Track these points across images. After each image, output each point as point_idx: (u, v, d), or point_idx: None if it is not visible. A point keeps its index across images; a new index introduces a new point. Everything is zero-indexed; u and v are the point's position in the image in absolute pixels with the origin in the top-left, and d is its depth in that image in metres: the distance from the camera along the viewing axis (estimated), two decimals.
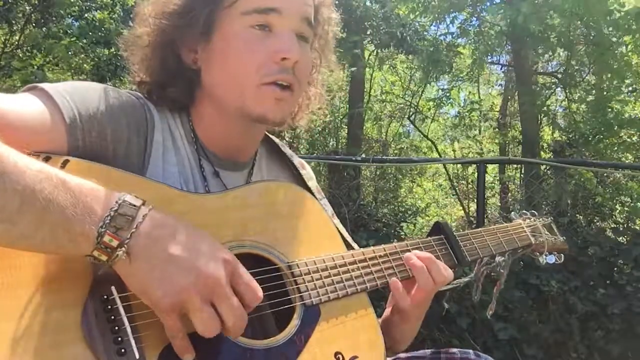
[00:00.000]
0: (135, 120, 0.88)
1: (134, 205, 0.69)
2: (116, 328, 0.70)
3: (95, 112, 0.82)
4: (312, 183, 1.11)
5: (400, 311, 1.04)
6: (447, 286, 1.05)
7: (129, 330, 0.70)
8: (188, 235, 0.73)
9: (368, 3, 7.28)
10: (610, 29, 5.74)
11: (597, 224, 4.59)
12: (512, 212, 1.44)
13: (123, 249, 0.67)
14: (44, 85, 0.81)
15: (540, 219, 1.45)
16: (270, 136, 1.14)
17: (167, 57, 0.92)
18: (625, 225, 4.46)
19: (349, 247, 1.05)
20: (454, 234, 1.15)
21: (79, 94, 0.82)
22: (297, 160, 1.13)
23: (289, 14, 0.89)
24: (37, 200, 0.64)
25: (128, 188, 0.72)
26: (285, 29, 0.89)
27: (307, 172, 1.13)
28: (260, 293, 0.76)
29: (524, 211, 1.46)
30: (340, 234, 1.05)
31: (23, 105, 0.77)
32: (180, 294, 0.69)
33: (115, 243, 0.67)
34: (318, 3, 0.97)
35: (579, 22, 5.99)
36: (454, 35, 6.90)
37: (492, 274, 1.30)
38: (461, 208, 8.01)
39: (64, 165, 0.74)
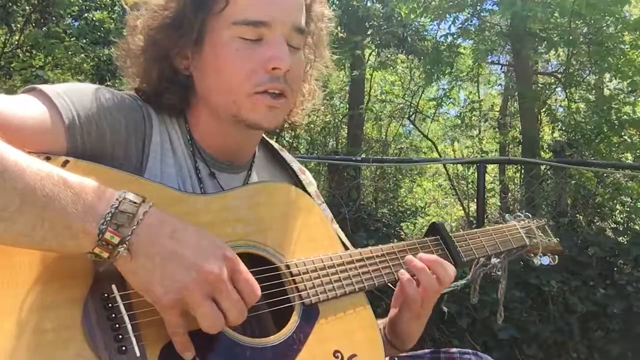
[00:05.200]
0: (133, 121, 0.88)
1: (135, 202, 0.70)
2: (117, 326, 0.70)
3: (93, 114, 0.82)
4: (312, 189, 1.12)
5: (411, 308, 1.03)
6: (444, 289, 1.06)
7: (129, 328, 0.71)
8: (188, 232, 0.73)
9: (369, 3, 7.28)
10: (615, 25, 5.74)
11: (597, 224, 4.58)
12: (507, 215, 1.45)
13: (124, 245, 0.67)
14: (42, 87, 0.82)
15: (534, 221, 1.46)
16: (270, 141, 1.15)
17: (162, 67, 0.92)
18: (625, 225, 4.45)
19: (347, 249, 1.05)
20: (450, 234, 1.16)
21: (77, 96, 0.82)
22: (296, 166, 1.14)
23: (280, 25, 0.89)
24: (38, 198, 0.64)
25: (128, 188, 0.72)
26: (276, 37, 0.89)
27: (307, 177, 1.14)
28: (259, 290, 0.77)
29: (518, 213, 1.46)
30: (339, 238, 1.06)
31: (22, 106, 0.77)
32: (182, 290, 0.69)
33: (116, 240, 0.67)
34: (310, 2, 0.97)
35: (580, 22, 5.99)
36: (454, 36, 6.90)
37: (492, 274, 1.31)
38: (461, 208, 8.01)
39: (64, 165, 0.74)
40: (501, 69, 10.27)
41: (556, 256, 1.43)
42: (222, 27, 0.88)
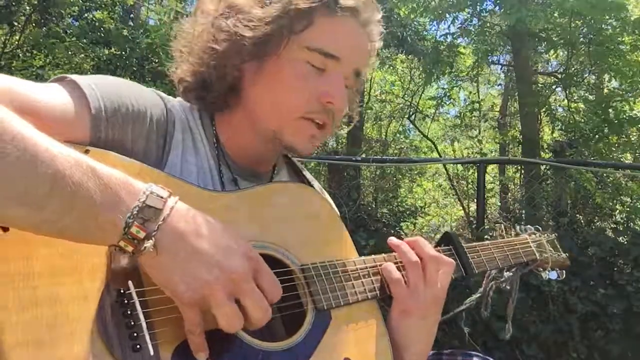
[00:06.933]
0: (157, 117, 0.88)
1: (161, 197, 0.69)
2: (132, 323, 0.70)
3: (119, 106, 0.82)
4: None
5: (398, 301, 0.99)
6: (460, 307, 1.06)
7: (144, 326, 0.70)
8: (213, 230, 0.73)
9: None
10: (614, 25, 5.75)
11: (597, 224, 4.59)
12: (518, 227, 1.45)
13: (151, 241, 0.67)
14: (73, 77, 0.82)
15: (545, 235, 1.47)
16: (293, 159, 1.15)
17: (226, 71, 0.92)
18: (625, 225, 4.46)
19: None
20: (462, 245, 1.16)
21: (106, 87, 0.82)
22: (317, 185, 1.14)
23: (347, 64, 0.92)
24: (67, 185, 0.64)
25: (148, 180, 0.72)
26: (338, 74, 0.92)
27: (325, 197, 1.14)
28: (280, 290, 0.77)
29: (529, 226, 1.46)
30: None
31: (51, 94, 0.77)
32: (204, 288, 0.69)
33: (142, 234, 0.67)
34: (373, 51, 0.99)
35: (580, 22, 6.00)
36: (454, 36, 6.90)
37: (503, 287, 1.31)
38: (461, 208, 8.02)
39: (85, 154, 0.72)
40: (501, 69, 10.29)
41: (564, 271, 1.44)
42: (295, 46, 0.89)
